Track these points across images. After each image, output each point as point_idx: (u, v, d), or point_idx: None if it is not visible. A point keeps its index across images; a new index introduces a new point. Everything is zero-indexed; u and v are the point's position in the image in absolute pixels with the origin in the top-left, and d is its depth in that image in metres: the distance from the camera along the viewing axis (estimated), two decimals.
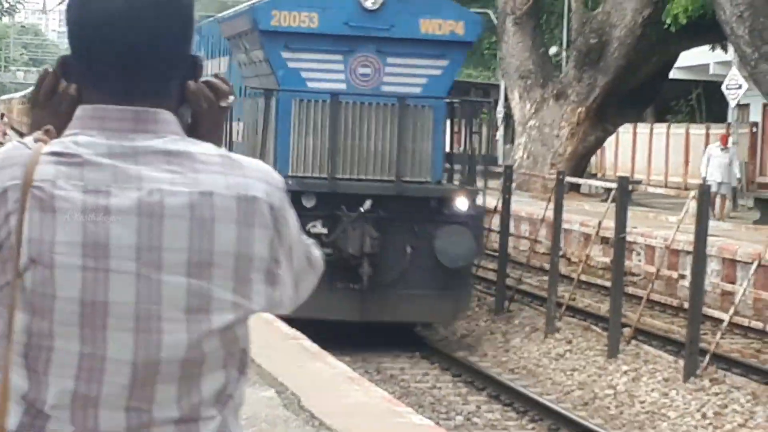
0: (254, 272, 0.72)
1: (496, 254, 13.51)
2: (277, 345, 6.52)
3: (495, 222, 13.74)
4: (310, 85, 11.21)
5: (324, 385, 5.76)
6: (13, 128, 36.66)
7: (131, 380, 0.68)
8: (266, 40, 11.18)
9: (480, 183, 12.05)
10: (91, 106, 0.73)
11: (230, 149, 2.79)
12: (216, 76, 0.84)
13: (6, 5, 51.49)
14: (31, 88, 2.08)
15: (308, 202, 10.60)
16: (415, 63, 11.42)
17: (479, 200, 11.76)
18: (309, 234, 1.91)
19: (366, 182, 11.13)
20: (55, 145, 0.70)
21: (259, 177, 0.74)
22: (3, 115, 20.53)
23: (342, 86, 11.17)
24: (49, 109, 0.78)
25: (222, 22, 13.65)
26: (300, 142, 11.17)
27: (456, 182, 12.41)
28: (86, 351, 0.67)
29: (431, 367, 11.03)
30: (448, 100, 12.07)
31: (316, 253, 0.85)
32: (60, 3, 32.25)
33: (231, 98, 0.82)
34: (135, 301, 0.67)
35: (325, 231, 10.57)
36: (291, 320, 6.69)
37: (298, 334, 7.02)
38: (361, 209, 10.72)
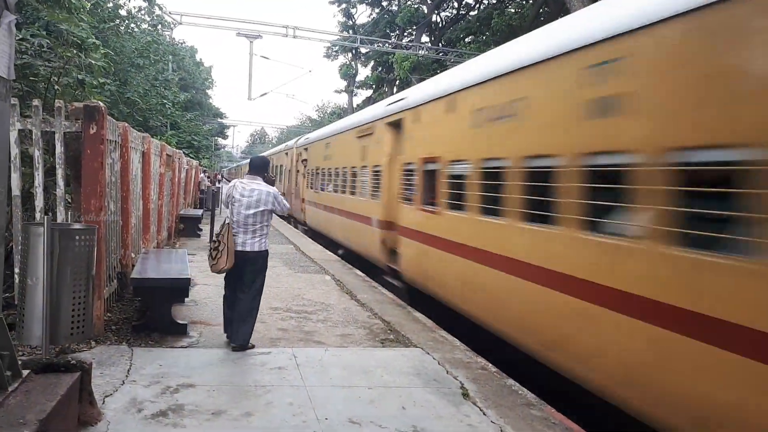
0: (269, 204, 6.23)
1: None
2: (306, 242, 14.77)
3: None
4: None
5: (314, 249, 13.93)
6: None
7: (245, 220, 6.18)
8: None
9: None
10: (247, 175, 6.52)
11: None
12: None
13: None
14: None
15: None
16: None
17: None
18: None
19: None
20: (238, 180, 6.55)
21: (272, 189, 6.30)
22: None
23: None
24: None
25: None
26: None
27: None
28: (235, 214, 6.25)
29: None
30: None
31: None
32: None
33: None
34: (246, 206, 6.14)
35: None
36: None
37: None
38: None
